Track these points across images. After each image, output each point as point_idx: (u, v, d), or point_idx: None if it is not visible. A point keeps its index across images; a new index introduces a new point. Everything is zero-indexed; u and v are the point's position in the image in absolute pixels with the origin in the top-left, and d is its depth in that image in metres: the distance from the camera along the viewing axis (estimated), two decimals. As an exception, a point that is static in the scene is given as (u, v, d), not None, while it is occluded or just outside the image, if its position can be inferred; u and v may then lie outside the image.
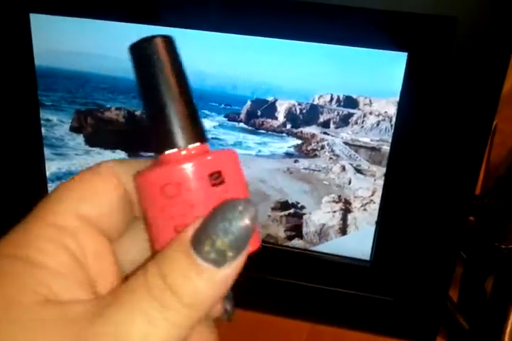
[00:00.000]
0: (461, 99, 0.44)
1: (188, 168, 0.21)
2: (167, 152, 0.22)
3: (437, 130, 0.46)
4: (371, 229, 0.53)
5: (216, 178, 0.22)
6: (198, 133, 0.22)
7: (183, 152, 0.22)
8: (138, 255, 0.25)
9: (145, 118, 0.23)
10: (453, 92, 0.44)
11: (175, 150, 0.22)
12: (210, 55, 0.50)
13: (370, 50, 0.46)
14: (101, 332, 0.19)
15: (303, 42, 0.47)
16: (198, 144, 0.22)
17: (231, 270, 0.20)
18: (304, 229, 0.55)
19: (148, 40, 0.22)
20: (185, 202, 0.21)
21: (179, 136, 0.22)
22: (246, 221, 0.20)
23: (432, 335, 0.56)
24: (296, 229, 0.55)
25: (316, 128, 0.52)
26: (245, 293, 0.27)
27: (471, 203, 0.50)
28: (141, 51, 0.22)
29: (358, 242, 0.54)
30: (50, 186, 0.59)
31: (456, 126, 0.45)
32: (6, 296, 0.19)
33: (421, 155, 0.48)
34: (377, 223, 0.53)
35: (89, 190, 0.23)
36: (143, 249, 0.25)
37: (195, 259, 0.20)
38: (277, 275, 0.57)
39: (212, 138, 0.54)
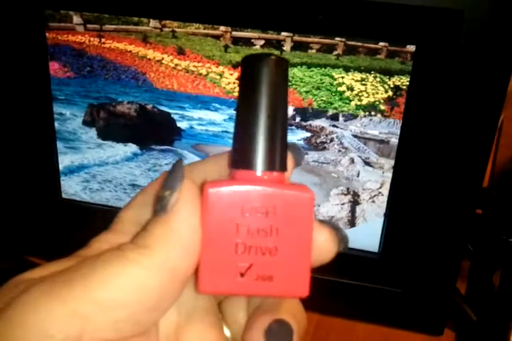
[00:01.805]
0: (468, 92, 0.44)
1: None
2: (243, 170, 0.22)
3: (445, 122, 0.46)
4: (379, 221, 0.54)
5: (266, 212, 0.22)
6: (281, 161, 0.23)
7: (264, 176, 0.22)
8: None
9: (236, 129, 0.23)
10: (460, 84, 0.44)
11: (253, 171, 0.22)
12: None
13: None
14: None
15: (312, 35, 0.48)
16: (276, 172, 0.23)
17: (175, 206, 0.21)
18: (313, 222, 0.56)
19: (266, 59, 0.22)
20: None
21: (264, 159, 0.22)
22: (176, 172, 0.22)
23: (440, 327, 0.56)
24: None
25: (325, 121, 0.52)
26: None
27: (478, 196, 0.50)
28: (255, 67, 0.22)
29: (366, 234, 0.55)
30: (63, 179, 0.60)
31: (464, 118, 0.45)
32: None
33: (429, 148, 0.48)
34: (386, 215, 0.53)
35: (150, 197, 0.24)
36: None
37: (152, 217, 0.22)
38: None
39: (223, 132, 0.55)
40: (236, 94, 0.52)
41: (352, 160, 0.53)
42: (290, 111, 0.53)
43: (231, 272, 0.22)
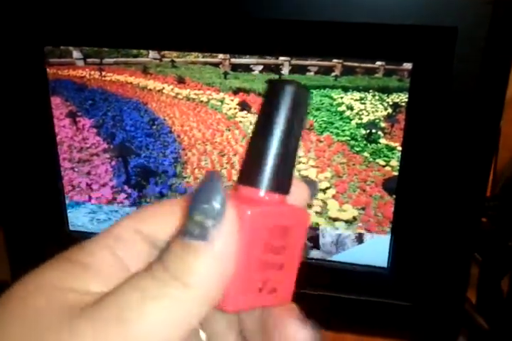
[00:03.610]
0: (466, 105, 0.45)
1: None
2: (249, 188, 0.23)
3: (445, 135, 0.47)
4: (387, 237, 0.54)
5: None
6: (285, 184, 0.23)
7: (266, 196, 0.23)
8: None
9: (249, 145, 0.23)
10: (457, 98, 0.45)
11: (259, 190, 0.23)
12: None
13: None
14: (94, 315, 0.19)
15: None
16: (281, 194, 0.23)
17: (219, 240, 0.20)
18: (321, 240, 0.56)
19: (289, 88, 0.22)
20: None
21: (273, 179, 0.23)
22: (216, 194, 0.20)
23: (452, 338, 0.56)
24: (313, 240, 0.56)
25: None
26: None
27: (482, 205, 0.51)
28: (276, 95, 0.22)
29: (374, 250, 0.55)
30: (70, 211, 0.60)
31: (464, 130, 0.46)
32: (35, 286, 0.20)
33: (431, 161, 0.49)
34: (392, 230, 0.53)
35: (152, 211, 0.24)
36: None
37: (184, 241, 0.20)
38: (296, 287, 0.57)
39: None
40: (237, 119, 0.52)
41: (356, 178, 0.53)
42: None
43: (253, 288, 0.22)
